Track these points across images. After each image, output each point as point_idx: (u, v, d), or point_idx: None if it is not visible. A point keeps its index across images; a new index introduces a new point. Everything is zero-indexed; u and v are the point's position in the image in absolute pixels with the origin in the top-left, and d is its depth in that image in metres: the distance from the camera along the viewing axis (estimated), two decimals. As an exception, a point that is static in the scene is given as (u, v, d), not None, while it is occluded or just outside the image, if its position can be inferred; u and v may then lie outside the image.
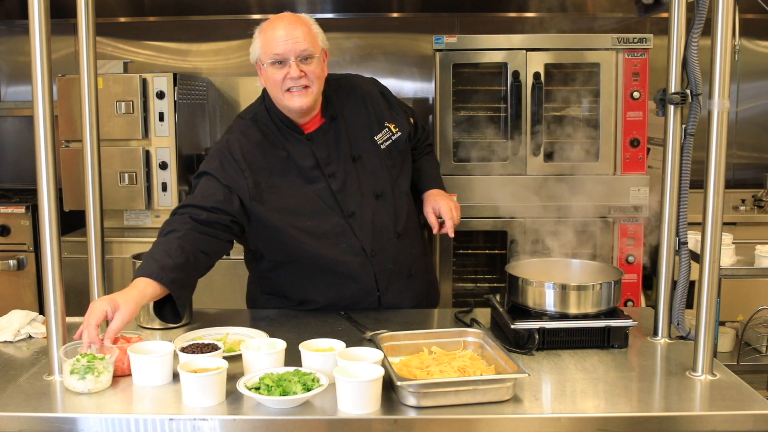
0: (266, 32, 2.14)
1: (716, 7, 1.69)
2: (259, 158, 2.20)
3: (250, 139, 2.23)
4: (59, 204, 1.76)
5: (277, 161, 2.21)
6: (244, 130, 2.25)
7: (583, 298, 1.99)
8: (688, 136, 1.97)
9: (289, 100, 2.14)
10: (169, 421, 1.57)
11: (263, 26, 2.17)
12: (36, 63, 1.68)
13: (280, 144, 2.23)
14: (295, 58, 2.10)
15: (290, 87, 2.12)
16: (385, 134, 2.30)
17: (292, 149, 2.22)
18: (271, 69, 2.13)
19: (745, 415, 1.60)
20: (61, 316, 1.78)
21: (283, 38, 2.10)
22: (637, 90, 3.58)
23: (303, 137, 2.23)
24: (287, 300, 2.36)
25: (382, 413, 1.58)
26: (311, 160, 2.22)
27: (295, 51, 2.10)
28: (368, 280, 2.27)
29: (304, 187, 2.21)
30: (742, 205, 4.21)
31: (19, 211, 4.08)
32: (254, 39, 2.18)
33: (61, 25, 3.95)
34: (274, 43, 2.10)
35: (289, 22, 2.12)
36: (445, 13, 4.69)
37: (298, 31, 2.11)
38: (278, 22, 2.13)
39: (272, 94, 2.20)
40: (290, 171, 2.21)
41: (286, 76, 2.11)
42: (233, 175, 2.17)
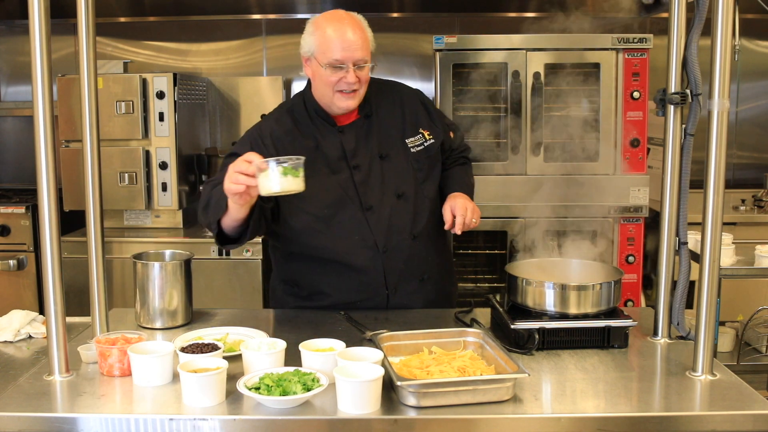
0: (326, 33, 2.17)
1: (716, 7, 1.69)
2: (287, 145, 2.25)
3: (281, 126, 2.30)
4: (59, 204, 1.75)
5: (305, 150, 2.21)
6: (277, 118, 2.34)
7: (583, 298, 1.99)
8: (688, 136, 1.97)
9: (339, 101, 2.22)
10: (169, 421, 1.57)
11: (321, 23, 2.20)
12: (36, 63, 1.68)
13: (310, 134, 2.29)
14: (352, 65, 2.16)
15: (343, 89, 2.20)
16: (418, 139, 2.34)
17: (322, 140, 2.28)
18: (327, 70, 2.18)
19: (745, 415, 1.60)
20: (61, 316, 1.77)
21: (343, 46, 2.15)
22: (637, 90, 3.59)
23: (335, 128, 2.29)
24: (299, 289, 2.38)
25: (382, 413, 1.58)
26: (339, 151, 2.27)
27: (354, 58, 2.16)
28: (377, 276, 2.28)
29: (329, 176, 2.26)
30: (742, 205, 4.21)
31: (19, 211, 4.08)
32: (310, 33, 2.22)
33: (61, 25, 3.95)
34: (335, 49, 2.15)
35: (351, 28, 2.17)
36: (445, 13, 4.70)
37: (358, 38, 2.16)
38: (339, 25, 2.17)
39: (320, 90, 2.25)
40: (317, 160, 2.25)
41: (341, 79, 2.18)
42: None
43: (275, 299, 2.48)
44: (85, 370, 1.84)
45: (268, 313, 2.49)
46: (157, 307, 2.16)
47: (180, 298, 2.18)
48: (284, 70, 4.71)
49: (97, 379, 1.79)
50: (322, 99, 2.26)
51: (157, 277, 2.16)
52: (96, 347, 1.82)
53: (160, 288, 2.16)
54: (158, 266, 2.17)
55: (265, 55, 4.73)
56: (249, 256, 3.78)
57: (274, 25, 4.70)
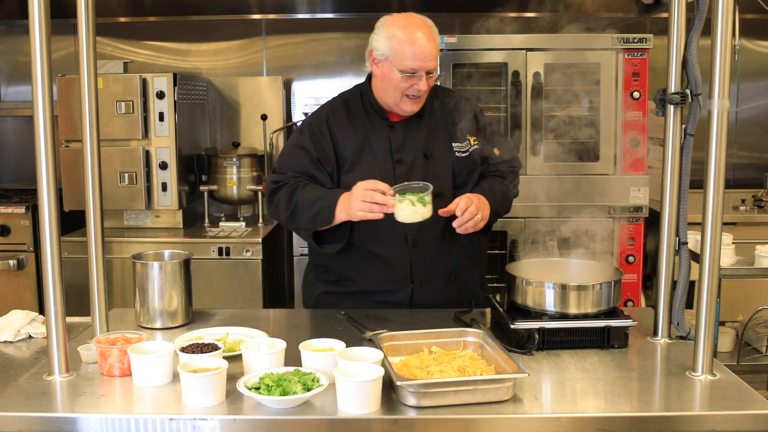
0: (403, 40, 2.23)
1: (716, 7, 1.69)
2: (336, 133, 2.37)
3: (336, 114, 2.40)
4: (59, 204, 1.75)
5: (355, 140, 2.36)
6: (333, 106, 2.44)
7: (583, 298, 1.99)
8: (688, 136, 1.97)
9: (405, 105, 2.31)
10: (169, 421, 1.57)
11: (398, 29, 2.25)
12: (36, 63, 1.68)
13: (361, 125, 2.38)
14: (425, 74, 2.24)
15: (411, 95, 2.28)
16: (465, 146, 2.40)
17: (372, 132, 2.37)
18: (398, 75, 2.25)
19: (745, 415, 1.60)
20: (61, 316, 1.77)
21: (420, 56, 2.22)
22: (637, 90, 3.59)
23: (386, 123, 2.38)
24: (329, 274, 2.46)
25: (382, 413, 1.58)
26: (386, 144, 2.36)
27: (427, 68, 2.24)
28: (403, 268, 2.35)
29: (373, 166, 2.34)
30: (742, 205, 4.21)
31: (19, 211, 4.08)
32: (385, 37, 2.26)
33: (61, 25, 3.96)
34: (411, 58, 2.22)
35: (427, 38, 2.23)
36: (445, 13, 4.69)
37: (433, 49, 2.25)
38: (416, 32, 2.23)
39: (386, 92, 2.32)
40: (364, 150, 2.35)
41: (413, 86, 2.26)
42: (321, 146, 2.35)
43: (306, 284, 2.57)
44: (85, 370, 1.84)
45: (268, 313, 2.49)
46: (156, 307, 2.16)
47: (180, 298, 2.18)
48: (284, 70, 4.71)
49: (97, 379, 1.79)
50: (385, 99, 2.35)
51: (157, 277, 2.16)
52: (96, 347, 1.82)
53: (159, 288, 2.16)
54: (158, 266, 2.17)
55: (265, 55, 4.73)
56: (249, 256, 3.78)
57: (274, 25, 4.70)
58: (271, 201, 2.38)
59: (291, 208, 2.30)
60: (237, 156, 4.12)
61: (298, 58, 4.73)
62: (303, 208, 2.28)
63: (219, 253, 3.77)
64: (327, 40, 4.71)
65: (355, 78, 4.71)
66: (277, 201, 2.34)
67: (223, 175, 4.14)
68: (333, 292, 2.44)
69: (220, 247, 3.77)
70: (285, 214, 2.32)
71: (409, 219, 2.13)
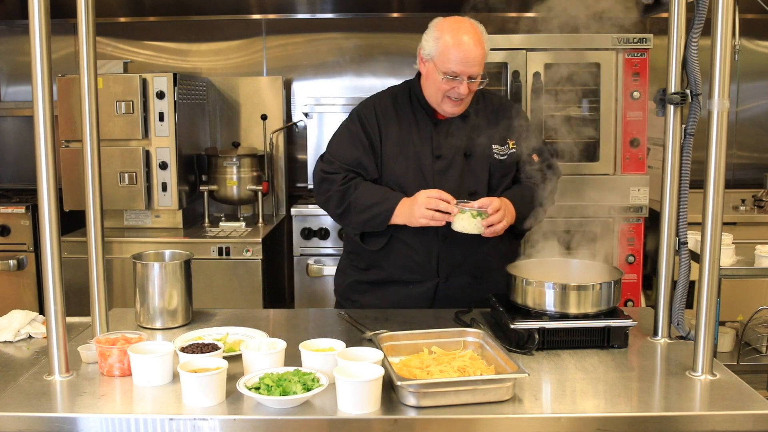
0: (449, 43, 2.27)
1: (716, 7, 1.69)
2: (382, 122, 2.43)
3: (381, 105, 2.47)
4: (59, 204, 1.75)
5: (399, 132, 2.42)
6: (380, 97, 2.51)
7: (583, 298, 1.99)
8: (688, 136, 1.97)
9: (446, 106, 2.36)
10: (169, 421, 1.57)
11: (446, 30, 2.29)
12: (36, 63, 1.68)
13: (406, 119, 2.44)
14: (467, 78, 2.28)
15: (451, 96, 2.32)
16: (505, 149, 2.45)
17: (416, 126, 2.43)
18: (440, 76, 2.29)
19: (745, 415, 1.60)
20: (61, 316, 1.77)
21: (463, 60, 2.26)
22: (637, 90, 3.59)
23: (431, 120, 2.43)
24: (360, 261, 2.52)
25: (382, 413, 1.58)
26: (428, 140, 2.42)
27: (469, 73, 2.28)
28: (431, 260, 2.40)
29: (413, 159, 2.40)
30: (742, 205, 4.21)
31: (19, 211, 4.08)
32: (434, 37, 2.31)
33: (61, 25, 3.96)
34: (454, 61, 2.26)
35: (473, 43, 2.27)
36: (445, 13, 4.68)
37: (478, 54, 2.27)
38: (463, 36, 2.27)
39: (429, 90, 2.39)
40: (407, 143, 2.41)
41: (453, 89, 2.30)
42: (369, 133, 2.42)
43: (339, 272, 2.64)
44: (85, 370, 1.84)
45: (268, 313, 2.49)
46: (157, 307, 2.16)
47: (180, 298, 2.18)
48: (284, 70, 4.71)
49: (97, 379, 1.79)
50: (429, 98, 2.40)
51: (157, 277, 2.16)
52: (96, 347, 1.82)
53: (159, 288, 2.16)
54: (158, 266, 2.17)
55: (265, 55, 4.73)
56: (249, 256, 3.78)
57: (274, 25, 4.70)
58: (320, 191, 2.44)
59: (343, 207, 2.37)
60: (237, 156, 4.12)
61: (298, 58, 4.73)
62: (357, 211, 2.35)
63: (219, 253, 3.77)
64: (327, 40, 4.71)
65: (355, 78, 4.72)
66: (328, 196, 2.40)
67: (223, 175, 4.14)
68: (362, 281, 2.51)
69: (220, 247, 3.77)
70: (336, 212, 2.41)
71: (467, 230, 2.23)
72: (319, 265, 3.95)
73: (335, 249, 3.98)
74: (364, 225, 2.38)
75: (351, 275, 2.55)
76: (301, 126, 4.71)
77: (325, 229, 3.96)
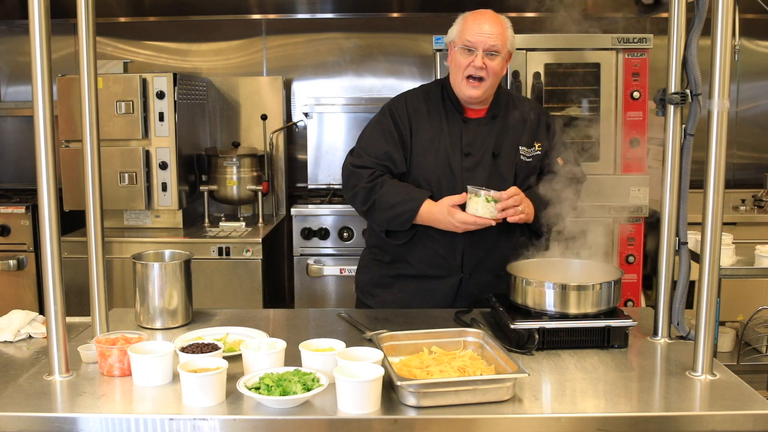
0: (467, 21, 2.38)
1: (716, 7, 1.69)
2: (414, 118, 2.47)
3: (413, 101, 2.51)
4: (59, 204, 1.75)
5: (429, 128, 2.46)
6: (412, 94, 2.54)
7: (583, 298, 1.99)
8: (688, 136, 1.97)
9: (465, 88, 2.39)
10: (169, 421, 1.57)
11: (466, 15, 2.41)
12: (36, 63, 1.68)
13: (437, 116, 2.47)
14: (482, 51, 2.32)
15: (470, 75, 2.35)
16: (531, 151, 2.48)
17: (446, 123, 2.46)
18: (459, 53, 2.37)
19: (745, 415, 1.60)
20: (61, 316, 1.77)
21: (478, 31, 2.33)
22: (637, 90, 3.59)
23: (461, 118, 2.46)
24: (384, 255, 2.54)
25: (382, 413, 1.58)
26: (457, 138, 2.44)
27: (485, 44, 2.33)
28: (456, 256, 2.42)
29: (442, 155, 2.42)
30: (742, 205, 4.21)
31: (19, 211, 4.08)
32: (455, 23, 2.43)
33: (61, 25, 3.96)
34: (470, 32, 2.34)
35: (489, 19, 2.36)
36: (445, 13, 4.67)
37: (494, 29, 2.34)
38: (480, 15, 2.37)
39: (453, 77, 2.44)
40: (437, 140, 2.44)
41: (470, 63, 2.34)
42: (400, 128, 2.45)
43: (361, 268, 2.66)
44: (85, 370, 1.84)
45: (268, 313, 2.49)
46: (157, 307, 2.16)
47: (180, 298, 2.18)
48: (284, 70, 4.71)
49: (97, 379, 1.79)
50: (453, 86, 2.44)
51: (157, 277, 2.16)
52: (96, 347, 1.82)
53: (159, 288, 2.16)
54: (158, 266, 2.17)
55: (265, 55, 4.74)
56: (249, 256, 3.78)
57: (274, 25, 4.70)
58: (348, 185, 2.47)
59: (368, 204, 2.40)
60: (237, 156, 4.12)
61: (298, 58, 4.73)
62: (381, 209, 2.38)
63: (219, 253, 3.77)
64: (327, 40, 4.71)
65: (355, 78, 4.72)
66: (355, 192, 2.43)
67: (223, 175, 4.14)
68: (385, 275, 2.53)
69: (220, 247, 3.77)
70: (362, 208, 2.44)
71: (479, 213, 2.25)
72: (319, 265, 3.95)
73: (335, 249, 3.98)
74: (388, 223, 2.41)
75: (374, 270, 2.58)
76: (301, 126, 4.71)
77: (325, 229, 3.96)
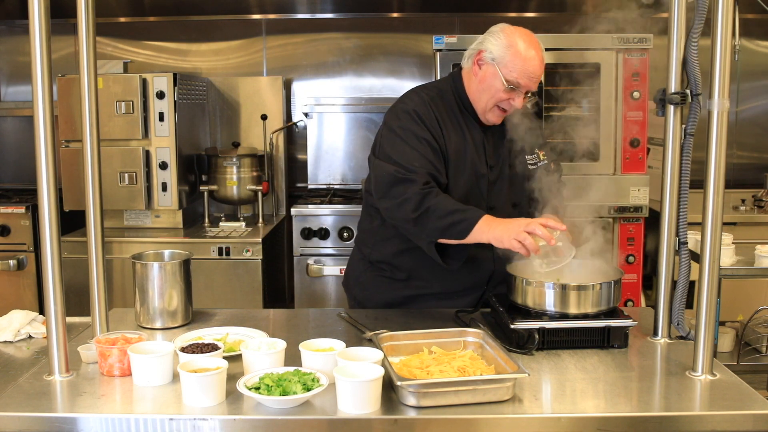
0: (522, 53, 2.19)
1: (716, 7, 1.69)
2: (442, 125, 2.28)
3: (436, 106, 2.30)
4: (59, 204, 1.75)
5: (456, 138, 2.30)
6: (431, 97, 2.32)
7: (583, 298, 1.99)
8: (688, 136, 1.97)
9: (492, 115, 2.29)
10: (169, 421, 1.57)
11: (517, 39, 2.21)
12: (36, 63, 1.68)
13: (458, 124, 2.32)
14: (524, 92, 2.23)
15: (502, 107, 2.26)
16: (535, 158, 2.41)
17: (469, 133, 2.32)
18: (501, 84, 2.21)
19: (745, 415, 1.60)
20: (61, 316, 1.77)
21: (531, 75, 2.20)
22: (637, 90, 3.58)
23: (479, 127, 2.34)
24: (396, 272, 2.38)
25: (382, 413, 1.58)
26: (481, 149, 2.33)
27: (531, 88, 2.24)
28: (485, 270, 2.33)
29: (471, 168, 2.29)
30: (742, 205, 4.21)
31: (19, 211, 4.08)
32: (503, 42, 2.21)
33: (61, 25, 3.96)
34: (524, 73, 2.19)
35: (540, 60, 2.22)
36: (445, 13, 4.69)
37: (541, 72, 2.24)
38: (534, 51, 2.21)
39: (479, 95, 2.28)
40: (464, 150, 2.30)
41: (509, 100, 2.23)
42: (433, 135, 2.25)
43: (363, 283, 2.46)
44: (85, 370, 1.84)
45: (268, 313, 2.49)
46: (156, 307, 2.16)
47: (180, 298, 2.18)
48: (284, 70, 4.71)
49: (97, 379, 1.79)
50: (476, 102, 2.30)
51: (157, 277, 2.16)
52: (96, 347, 1.82)
53: (159, 288, 2.16)
54: (158, 266, 2.17)
55: (265, 55, 4.74)
56: (249, 256, 3.78)
57: (274, 25, 4.70)
58: (392, 194, 2.17)
59: (421, 211, 2.12)
60: (237, 156, 4.13)
61: (298, 58, 4.73)
62: (437, 215, 2.10)
63: (219, 253, 3.77)
64: (327, 40, 4.71)
65: (355, 78, 4.72)
66: (404, 199, 2.13)
67: (223, 175, 4.14)
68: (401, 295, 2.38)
69: (220, 247, 3.77)
70: (411, 216, 2.13)
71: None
72: (319, 265, 3.95)
73: (335, 249, 3.98)
74: (442, 232, 2.11)
75: (383, 289, 2.40)
76: (301, 126, 4.71)
77: (325, 229, 3.96)
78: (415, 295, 2.38)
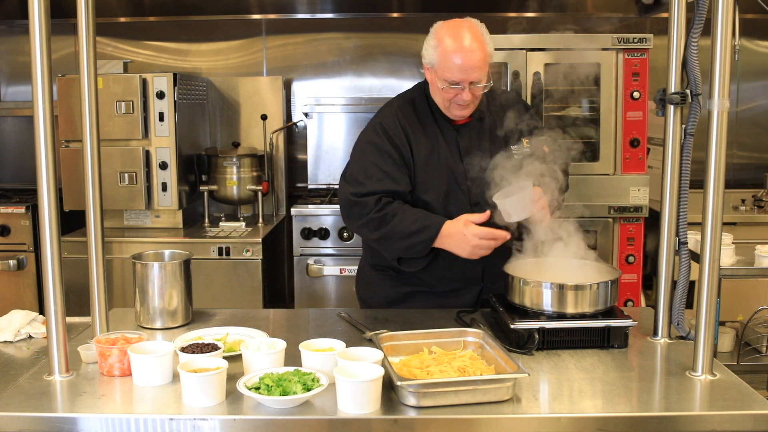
0: (447, 51, 2.22)
1: (716, 7, 1.69)
2: (410, 134, 2.35)
3: (405, 115, 2.38)
4: (59, 204, 1.76)
5: (426, 142, 2.36)
6: (400, 106, 2.41)
7: (581, 298, 1.99)
8: (687, 136, 1.97)
9: (454, 111, 2.32)
10: (169, 421, 1.57)
11: (444, 37, 2.24)
12: (36, 63, 1.68)
13: (429, 128, 2.38)
14: (468, 85, 2.23)
15: (458, 103, 2.29)
16: (519, 147, 2.39)
17: (441, 135, 2.37)
18: (442, 85, 2.26)
19: (745, 415, 1.60)
20: (61, 316, 1.78)
21: (462, 68, 2.21)
22: (637, 90, 3.58)
23: (452, 125, 2.38)
24: (398, 273, 2.42)
25: (382, 413, 1.58)
26: (455, 147, 2.37)
27: (471, 80, 2.23)
28: (476, 265, 2.33)
29: (444, 167, 2.34)
30: (742, 205, 4.21)
31: (19, 211, 4.08)
32: (433, 46, 2.27)
33: (61, 25, 3.96)
34: (454, 70, 2.21)
35: (472, 46, 2.21)
36: (444, 13, 4.67)
37: (478, 60, 2.21)
38: (463, 42, 2.21)
39: (434, 96, 2.37)
40: (435, 153, 2.35)
41: (457, 95, 2.26)
42: (398, 147, 2.33)
43: (365, 283, 2.55)
44: (85, 370, 1.84)
45: (268, 313, 2.49)
46: (156, 307, 2.17)
47: (180, 298, 2.18)
48: (284, 70, 4.71)
49: (97, 379, 1.79)
50: (438, 104, 2.37)
51: (157, 277, 2.16)
52: (96, 347, 1.82)
53: (159, 288, 2.16)
54: (158, 266, 2.17)
55: (265, 55, 4.73)
56: (249, 256, 3.78)
57: (274, 25, 4.70)
58: (351, 215, 2.33)
59: (380, 234, 2.27)
60: (237, 156, 4.13)
61: (298, 58, 4.73)
62: (395, 239, 2.26)
63: (219, 253, 3.77)
64: (327, 40, 4.71)
65: (355, 78, 4.72)
66: (363, 222, 2.29)
67: (223, 175, 4.14)
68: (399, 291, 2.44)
69: (220, 247, 3.77)
70: (371, 238, 2.31)
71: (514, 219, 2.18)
72: (319, 265, 3.95)
73: (335, 249, 3.98)
74: (404, 252, 2.30)
75: (383, 286, 2.47)
76: (301, 126, 4.71)
77: (325, 229, 3.96)
78: (411, 292, 2.43)
